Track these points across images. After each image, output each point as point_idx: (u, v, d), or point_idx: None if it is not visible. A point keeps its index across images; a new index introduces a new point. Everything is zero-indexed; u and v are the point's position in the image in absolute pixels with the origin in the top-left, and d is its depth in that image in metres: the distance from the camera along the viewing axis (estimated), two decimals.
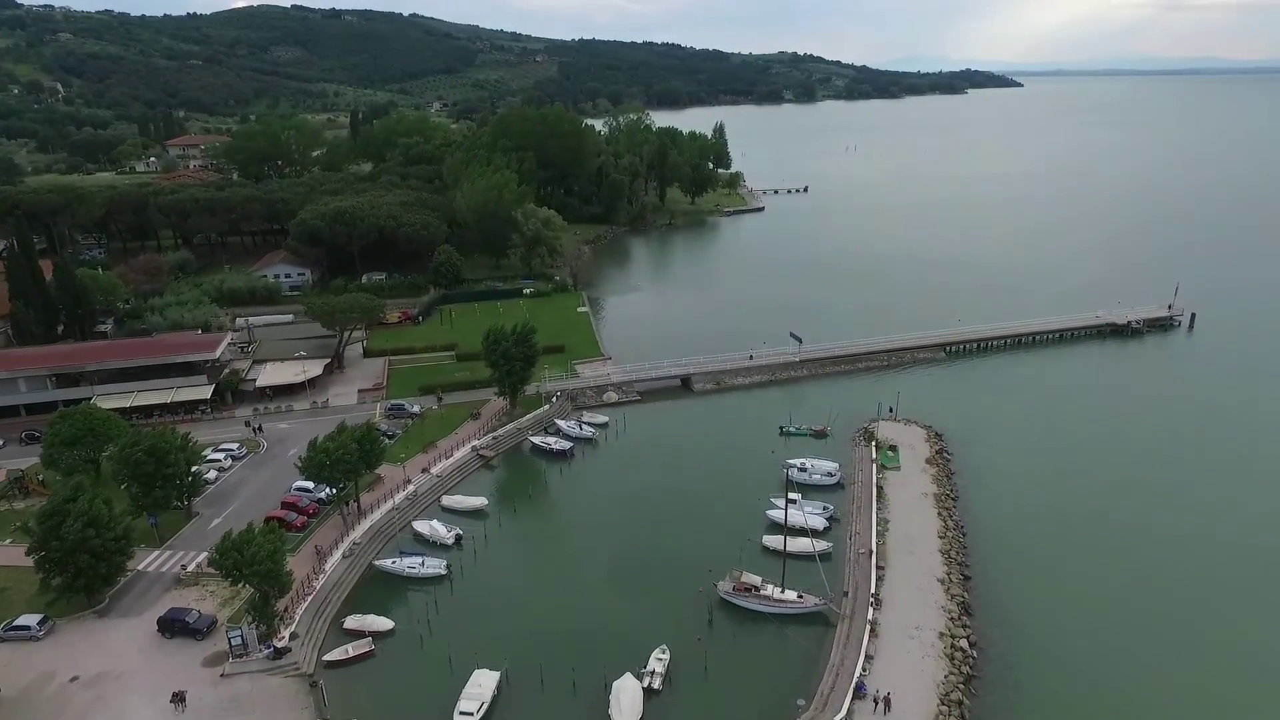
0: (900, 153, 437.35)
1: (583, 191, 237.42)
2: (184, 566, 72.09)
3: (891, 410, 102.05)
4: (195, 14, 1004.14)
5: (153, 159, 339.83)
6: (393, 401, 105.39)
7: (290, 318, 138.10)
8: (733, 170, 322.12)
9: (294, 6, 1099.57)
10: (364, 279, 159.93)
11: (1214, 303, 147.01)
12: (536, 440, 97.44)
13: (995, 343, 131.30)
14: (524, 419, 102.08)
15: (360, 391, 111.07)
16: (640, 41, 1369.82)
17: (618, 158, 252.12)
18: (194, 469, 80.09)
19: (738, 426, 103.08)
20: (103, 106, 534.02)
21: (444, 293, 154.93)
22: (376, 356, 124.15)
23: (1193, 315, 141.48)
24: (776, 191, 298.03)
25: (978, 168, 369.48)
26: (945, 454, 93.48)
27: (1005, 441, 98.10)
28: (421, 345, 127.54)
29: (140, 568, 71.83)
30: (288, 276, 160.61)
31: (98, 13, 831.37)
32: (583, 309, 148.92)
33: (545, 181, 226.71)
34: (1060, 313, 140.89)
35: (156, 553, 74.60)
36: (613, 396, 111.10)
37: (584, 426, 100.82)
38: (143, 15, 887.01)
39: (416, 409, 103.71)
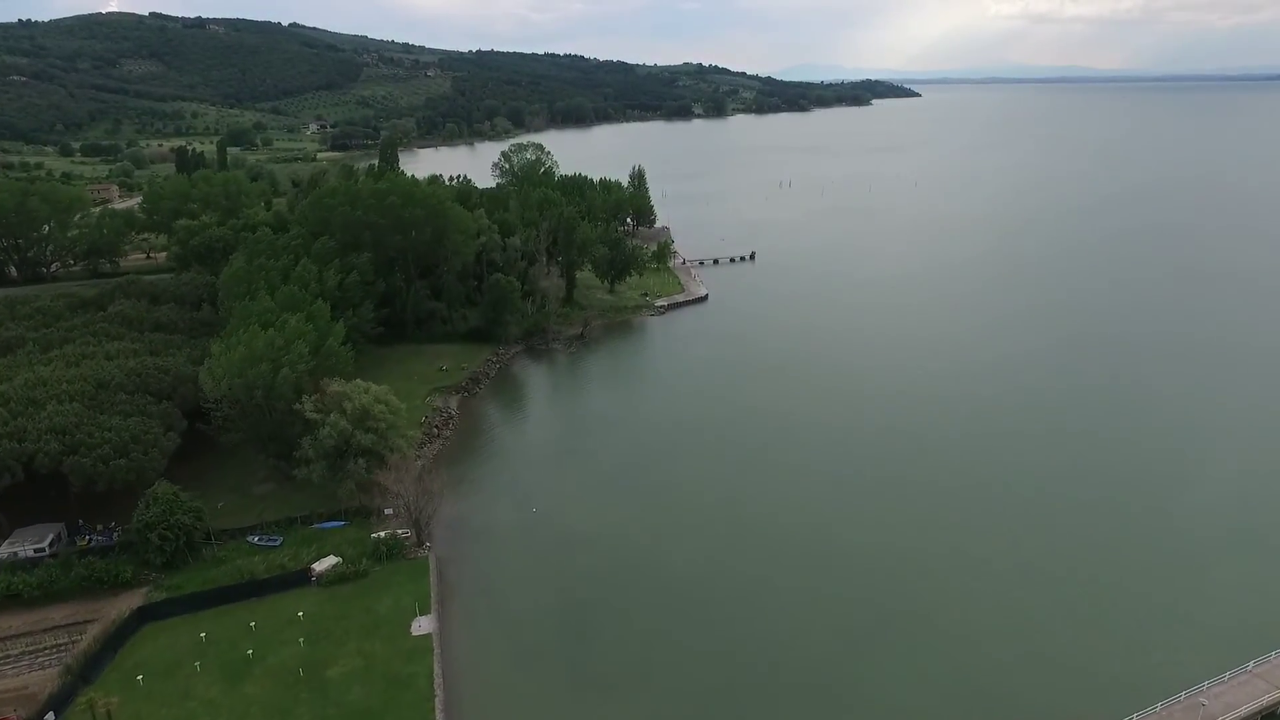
0: (841, 190, 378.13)
1: (452, 294, 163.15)
2: None
3: None
4: (29, 21, 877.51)
5: None
6: None
7: None
8: (658, 225, 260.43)
9: (152, 14, 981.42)
10: (3, 552, 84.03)
11: None
12: None
13: None
14: None
15: None
16: (542, 53, 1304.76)
17: (506, 235, 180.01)
18: None
19: None
20: None
21: (142, 602, 79.51)
22: None
23: None
24: (716, 262, 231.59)
25: (936, 209, 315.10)
26: None
27: None
28: None
29: None
30: None
31: None
32: (422, 629, 76.23)
33: (392, 290, 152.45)
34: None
35: None
36: None
37: None
38: None
39: None
